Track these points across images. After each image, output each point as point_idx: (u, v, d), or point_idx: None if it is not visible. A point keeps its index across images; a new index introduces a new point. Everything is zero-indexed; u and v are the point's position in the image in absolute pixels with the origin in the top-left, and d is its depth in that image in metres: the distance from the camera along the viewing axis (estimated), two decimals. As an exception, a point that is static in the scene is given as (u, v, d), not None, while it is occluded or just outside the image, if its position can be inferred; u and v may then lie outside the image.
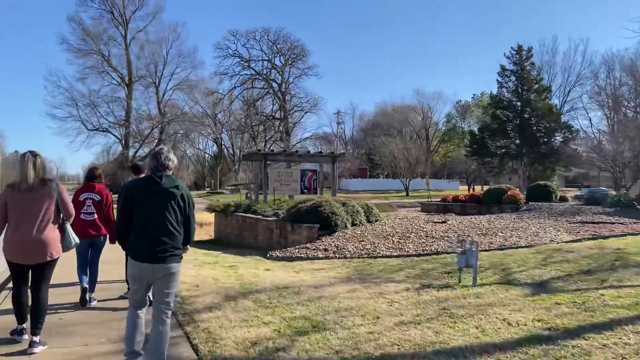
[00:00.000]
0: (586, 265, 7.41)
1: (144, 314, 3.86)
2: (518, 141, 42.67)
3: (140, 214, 3.70)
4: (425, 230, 13.30)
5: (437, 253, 10.06)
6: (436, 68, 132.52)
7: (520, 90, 42.57)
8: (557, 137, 42.34)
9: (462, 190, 77.32)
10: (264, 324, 4.96)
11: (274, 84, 47.16)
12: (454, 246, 10.68)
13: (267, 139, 54.22)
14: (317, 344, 4.27)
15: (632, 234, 11.79)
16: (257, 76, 47.25)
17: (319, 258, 10.81)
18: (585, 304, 4.98)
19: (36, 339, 4.34)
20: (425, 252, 10.31)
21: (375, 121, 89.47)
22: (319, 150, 37.21)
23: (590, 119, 52.79)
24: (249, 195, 47.25)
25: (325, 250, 11.45)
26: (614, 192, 43.37)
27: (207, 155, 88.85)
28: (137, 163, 6.92)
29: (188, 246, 4.07)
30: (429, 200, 46.61)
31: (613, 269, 6.93)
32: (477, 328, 4.47)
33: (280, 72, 47.04)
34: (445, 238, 11.92)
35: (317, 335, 4.50)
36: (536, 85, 42.52)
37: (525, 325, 4.42)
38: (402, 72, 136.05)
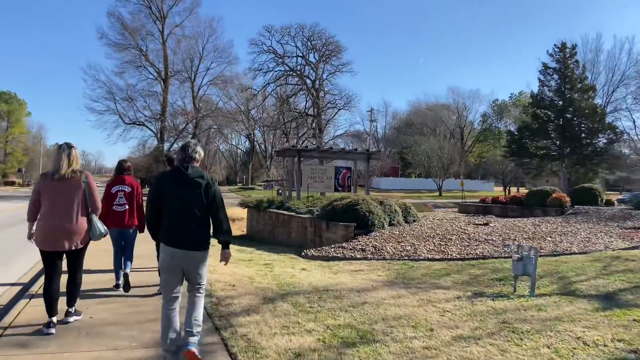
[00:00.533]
0: (655, 277, 6.72)
1: (177, 309, 3.92)
2: (559, 142, 40.97)
3: (169, 203, 3.89)
4: (467, 232, 12.68)
5: (484, 257, 9.47)
6: (472, 66, 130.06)
7: (562, 89, 40.83)
8: (601, 139, 40.45)
9: (497, 191, 75.38)
10: (307, 331, 4.56)
11: (308, 81, 46.80)
12: (502, 250, 10.06)
13: (299, 135, 53.99)
14: (367, 359, 3.84)
15: (696, 243, 10.88)
16: (290, 72, 47.01)
17: (356, 258, 10.37)
18: (670, 323, 4.39)
19: (71, 309, 4.77)
20: (469, 256, 9.73)
21: (408, 120, 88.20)
22: (353, 147, 36.62)
23: (634, 121, 50.33)
24: (280, 191, 47.25)
25: (363, 250, 11.00)
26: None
27: (239, 151, 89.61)
28: (171, 155, 7.03)
29: (229, 250, 4.20)
30: (464, 200, 45.51)
31: (690, 282, 6.24)
32: (548, 347, 3.95)
33: (314, 69, 46.66)
34: (490, 241, 11.29)
35: (367, 348, 4.07)
36: (580, 84, 40.70)
37: (605, 345, 3.87)
38: (437, 71, 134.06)
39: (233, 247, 13.43)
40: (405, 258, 9.93)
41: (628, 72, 52.44)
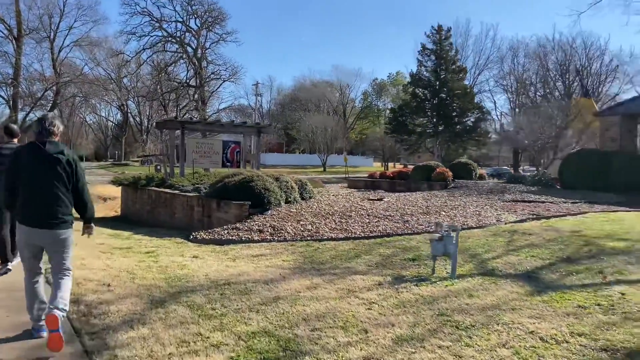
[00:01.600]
0: (559, 251, 6.76)
1: (42, 282, 3.93)
2: (434, 120, 43.54)
3: (26, 180, 3.75)
4: (364, 208, 12.35)
5: (388, 235, 9.07)
6: (356, 46, 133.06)
7: (438, 69, 43.27)
8: (470, 117, 43.81)
9: (376, 167, 78.75)
10: (214, 347, 3.54)
11: (189, 49, 43.55)
12: (403, 227, 9.79)
13: (180, 107, 50.55)
14: (300, 383, 2.96)
15: (570, 214, 11.67)
16: (169, 39, 43.39)
17: (254, 241, 9.40)
18: (614, 307, 4.15)
19: None
20: (373, 234, 9.29)
21: (293, 95, 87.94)
22: (241, 121, 34.61)
23: (495, 102, 55.54)
24: (159, 167, 43.96)
25: (261, 231, 10.05)
26: (512, 171, 46.11)
27: (110, 124, 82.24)
28: (9, 125, 6.29)
29: (92, 225, 4.32)
30: (347, 175, 46.45)
31: (593, 256, 6.31)
32: (504, 347, 3.41)
33: (196, 36, 43.55)
34: (389, 217, 11.03)
35: (296, 366, 3.19)
36: (453, 66, 43.46)
37: (567, 342, 3.44)
38: (322, 48, 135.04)
39: (106, 232, 11.62)
40: (308, 238, 9.19)
41: (492, 57, 57.43)
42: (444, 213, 11.60)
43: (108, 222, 16.37)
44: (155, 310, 4.41)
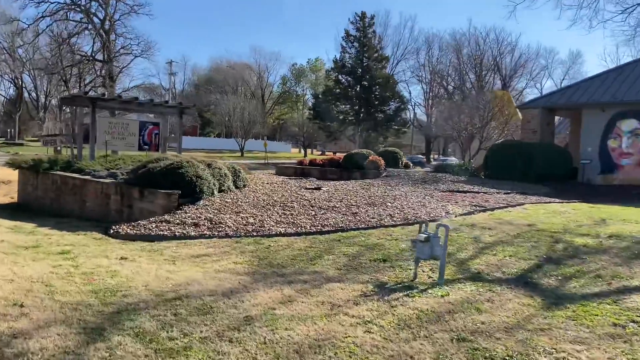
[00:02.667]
0: (533, 250, 6.42)
1: None
2: (357, 107, 43.64)
3: None
4: (306, 198, 11.52)
5: (342, 230, 8.33)
6: (275, 29, 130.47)
7: (362, 57, 43.29)
8: (391, 106, 44.48)
9: (294, 153, 78.32)
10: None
11: (96, 19, 39.54)
12: (353, 219, 9.10)
13: (85, 83, 46.00)
14: None
15: (510, 206, 11.71)
16: (73, 7, 39.04)
17: (191, 237, 8.20)
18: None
19: None
20: (325, 228, 8.49)
21: (209, 76, 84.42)
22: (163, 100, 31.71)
23: (410, 92, 57.25)
24: (59, 149, 39.83)
25: (196, 225, 8.85)
26: (425, 160, 47.80)
27: (1, 99, 73.64)
28: None
29: None
30: (266, 161, 45.35)
31: (572, 255, 6.02)
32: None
33: (104, 5, 39.66)
34: (335, 209, 10.30)
35: None
36: (376, 54, 43.73)
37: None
38: (240, 28, 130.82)
39: (4, 224, 9.72)
40: (254, 234, 8.18)
41: (409, 48, 58.80)
42: (389, 204, 11.10)
43: (3, 211, 14.10)
44: (94, 346, 3.26)
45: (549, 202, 12.60)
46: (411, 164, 24.94)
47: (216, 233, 8.32)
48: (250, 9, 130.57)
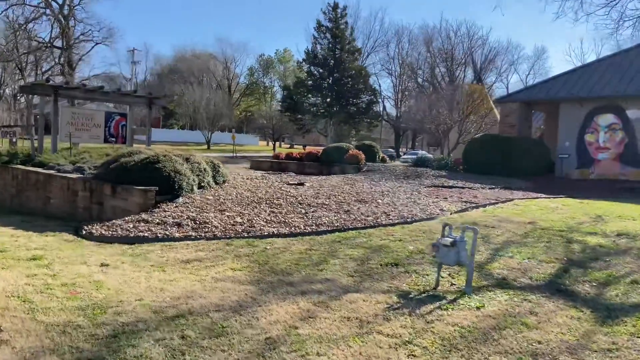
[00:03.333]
0: (550, 251, 6.08)
1: None
2: (329, 99, 43.08)
3: None
4: (292, 195, 10.95)
5: (340, 230, 7.80)
6: (242, 17, 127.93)
7: (334, 48, 42.68)
8: (363, 99, 44.14)
9: (261, 146, 77.21)
10: None
11: (54, 4, 37.30)
12: (347, 218, 8.59)
13: (42, 71, 43.60)
14: None
15: (500, 202, 11.48)
16: (29, -11, 36.76)
17: (175, 239, 7.50)
18: None
19: None
20: (321, 228, 7.94)
21: (173, 66, 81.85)
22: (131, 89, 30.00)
23: (380, 85, 57.07)
24: (14, 140, 37.65)
25: (179, 225, 8.14)
26: (395, 154, 47.86)
27: (-52, 86, 69.27)
28: None
29: None
30: (234, 154, 44.30)
31: (595, 257, 5.71)
32: None
33: (62, -11, 37.53)
34: (325, 206, 9.77)
35: None
36: (348, 46, 43.22)
37: None
38: (205, 17, 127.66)
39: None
40: (244, 235, 7.55)
41: (379, 40, 58.57)
42: (380, 201, 10.66)
43: (-46, 210, 12.94)
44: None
45: (537, 198, 12.48)
46: (387, 158, 24.70)
47: (203, 234, 7.65)
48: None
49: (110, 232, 8.04)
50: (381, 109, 60.97)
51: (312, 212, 9.20)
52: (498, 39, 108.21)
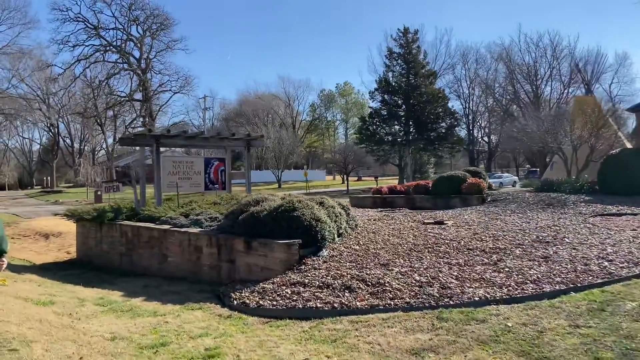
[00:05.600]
0: None
1: None
2: (406, 127, 41.22)
3: None
4: (446, 238, 9.12)
5: (575, 288, 5.86)
6: (302, 56, 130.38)
7: (408, 74, 41.07)
8: (443, 124, 41.94)
9: (329, 181, 76.23)
10: None
11: (132, 59, 38.54)
12: (559, 270, 6.62)
13: (126, 124, 44.98)
14: None
15: None
16: (109, 47, 38.15)
17: (357, 310, 5.83)
18: None
19: None
20: (544, 287, 6.01)
21: (238, 110, 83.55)
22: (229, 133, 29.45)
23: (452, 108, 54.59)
24: (99, 193, 38.43)
25: (349, 289, 6.50)
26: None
27: (36, 146, 74.07)
28: None
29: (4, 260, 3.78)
30: (308, 190, 43.16)
31: None
32: None
33: (138, 45, 38.70)
34: (502, 250, 7.84)
35: None
36: (423, 70, 41.50)
37: None
38: (266, 60, 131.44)
39: (83, 294, 7.48)
40: (447, 302, 5.75)
41: (445, 63, 56.55)
42: (567, 240, 8.57)
43: (65, 271, 12.14)
44: None
45: None
46: (493, 185, 22.37)
47: (390, 302, 5.95)
48: (276, 38, 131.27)
49: (269, 302, 6.52)
50: (466, 133, 58.02)
51: (499, 261, 7.32)
52: (587, 47, 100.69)
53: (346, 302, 6.05)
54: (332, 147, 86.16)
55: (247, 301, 6.71)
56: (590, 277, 6.16)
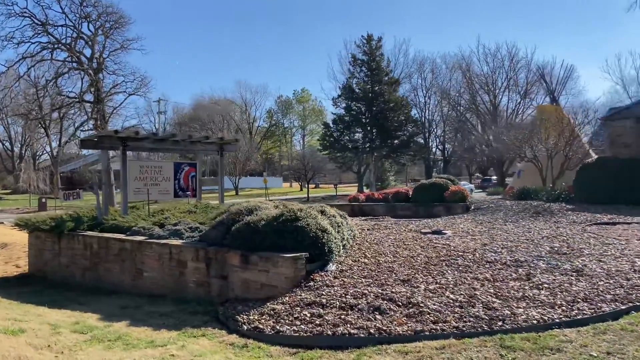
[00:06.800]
0: None
1: None
2: (369, 135, 40.94)
3: None
4: (457, 249, 8.57)
5: (637, 307, 5.34)
6: (261, 61, 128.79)
7: (372, 81, 40.86)
8: (405, 131, 41.96)
9: (286, 188, 75.32)
10: None
11: (83, 58, 36.14)
12: (594, 283, 6.12)
13: (76, 127, 42.20)
14: None
15: None
16: (58, 45, 35.63)
17: (400, 337, 5.04)
18: None
19: None
20: (598, 304, 5.46)
21: (193, 115, 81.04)
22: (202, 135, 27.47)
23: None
24: (43, 201, 35.65)
25: (379, 310, 5.70)
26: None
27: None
28: None
29: None
30: (267, 198, 42.12)
31: None
32: None
33: (90, 43, 36.44)
34: (525, 263, 7.32)
35: None
36: (386, 77, 41.45)
37: None
38: (223, 64, 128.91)
39: (60, 322, 6.45)
40: (500, 325, 5.07)
41: (405, 71, 56.99)
42: (585, 251, 8.14)
43: (19, 288, 10.74)
44: None
45: None
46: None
47: (433, 326, 5.20)
48: (235, 44, 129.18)
49: (288, 327, 5.62)
50: (422, 141, 58.35)
51: (529, 275, 6.75)
52: (543, 59, 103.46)
53: (383, 328, 5.25)
54: (290, 154, 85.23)
55: (261, 326, 5.79)
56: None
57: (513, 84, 43.52)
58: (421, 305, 5.72)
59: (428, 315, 5.45)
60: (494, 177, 50.26)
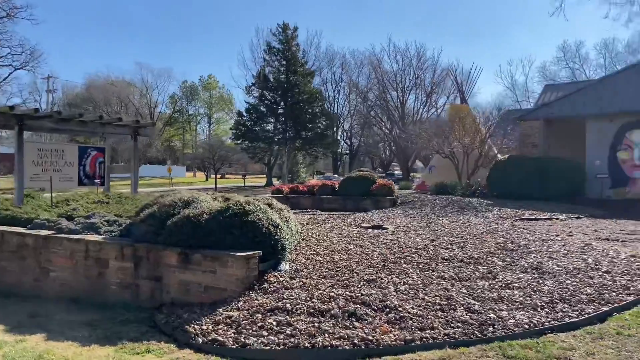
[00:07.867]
0: None
1: None
2: (284, 126, 40.15)
3: None
4: (409, 246, 8.29)
5: (618, 308, 5.28)
6: (165, 43, 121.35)
7: (287, 71, 40.04)
8: (319, 124, 41.78)
9: (189, 177, 72.22)
10: None
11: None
12: (559, 289, 6.11)
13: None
14: None
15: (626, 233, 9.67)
16: None
17: (389, 349, 4.47)
18: None
19: None
20: (578, 311, 5.33)
21: (86, 95, 74.08)
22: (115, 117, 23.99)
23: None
24: None
25: (355, 316, 5.12)
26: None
27: None
28: None
29: None
30: (171, 188, 39.87)
31: None
32: None
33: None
34: (484, 261, 7.21)
35: None
36: (301, 68, 40.86)
37: None
38: (121, 43, 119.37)
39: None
40: (490, 332, 4.73)
41: (315, 66, 56.99)
42: (532, 247, 8.24)
43: None
44: None
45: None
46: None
47: (420, 333, 4.72)
48: (136, 23, 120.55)
49: (254, 339, 4.82)
50: (334, 134, 58.76)
51: (491, 273, 6.59)
52: (448, 61, 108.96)
53: (368, 337, 4.67)
54: (194, 142, 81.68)
55: (220, 338, 4.93)
56: (613, 293, 5.69)
57: (420, 82, 45.39)
58: (399, 309, 5.24)
59: (411, 321, 4.98)
60: (397, 172, 52.22)
